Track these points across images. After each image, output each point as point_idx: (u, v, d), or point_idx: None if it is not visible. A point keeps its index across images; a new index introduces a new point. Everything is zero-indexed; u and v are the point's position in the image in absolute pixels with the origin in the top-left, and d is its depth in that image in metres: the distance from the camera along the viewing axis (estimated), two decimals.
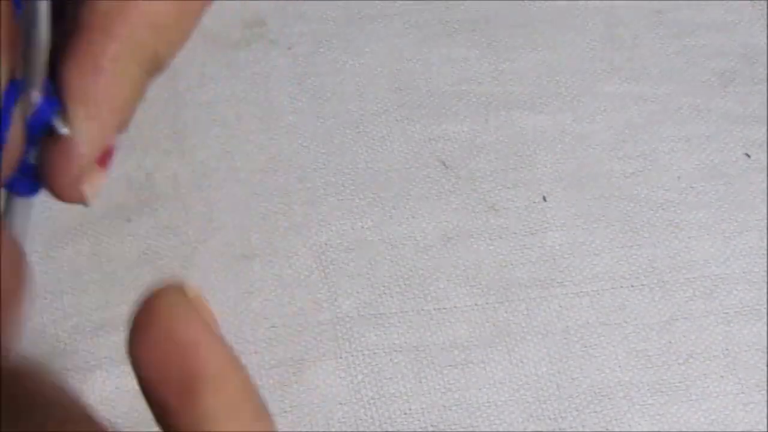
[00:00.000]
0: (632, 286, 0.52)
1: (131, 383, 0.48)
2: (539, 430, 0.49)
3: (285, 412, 0.48)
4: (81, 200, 0.37)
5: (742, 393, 0.50)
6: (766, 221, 0.54)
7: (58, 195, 0.37)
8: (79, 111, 0.35)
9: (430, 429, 0.48)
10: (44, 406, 0.29)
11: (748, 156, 0.55)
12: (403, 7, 0.57)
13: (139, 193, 0.52)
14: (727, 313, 0.52)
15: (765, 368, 0.50)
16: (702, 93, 0.56)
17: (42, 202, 0.51)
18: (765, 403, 0.50)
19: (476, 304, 0.51)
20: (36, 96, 0.34)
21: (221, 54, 0.55)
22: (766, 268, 0.52)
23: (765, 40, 0.58)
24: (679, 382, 0.50)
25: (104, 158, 0.37)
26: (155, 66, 0.37)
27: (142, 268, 0.50)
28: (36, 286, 0.49)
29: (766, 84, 0.57)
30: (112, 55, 0.35)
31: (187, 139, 0.53)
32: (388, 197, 0.53)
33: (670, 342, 0.51)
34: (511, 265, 0.52)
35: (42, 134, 0.35)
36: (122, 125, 0.36)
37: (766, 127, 0.56)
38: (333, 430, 0.48)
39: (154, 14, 0.35)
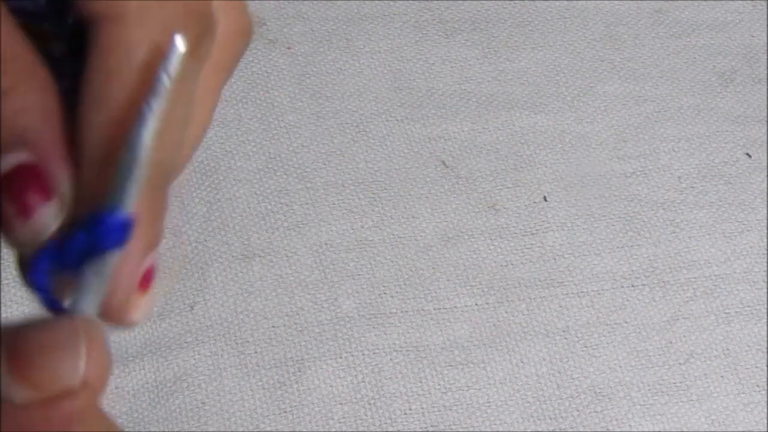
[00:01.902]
0: (632, 286, 0.52)
1: (131, 383, 0.48)
2: (539, 430, 0.49)
3: (285, 412, 0.48)
4: (132, 325, 0.33)
5: (742, 393, 0.50)
6: (766, 221, 0.54)
7: (109, 322, 0.33)
8: None
9: (430, 429, 0.48)
10: None
11: (749, 156, 0.55)
12: (403, 7, 0.57)
13: None
14: (727, 313, 0.52)
15: (765, 368, 0.50)
16: (702, 93, 0.56)
17: None
18: (765, 403, 0.50)
19: (476, 304, 0.51)
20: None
21: None
22: (766, 268, 0.53)
23: (765, 40, 0.58)
24: (679, 382, 0.50)
25: (145, 281, 0.33)
26: (168, 176, 0.33)
27: None
28: None
29: (766, 84, 0.57)
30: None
31: None
32: (388, 197, 0.53)
33: (670, 342, 0.51)
34: (511, 265, 0.52)
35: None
36: (153, 244, 0.33)
37: (766, 127, 0.56)
38: (333, 430, 0.48)
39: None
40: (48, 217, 0.31)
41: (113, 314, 0.32)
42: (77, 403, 0.30)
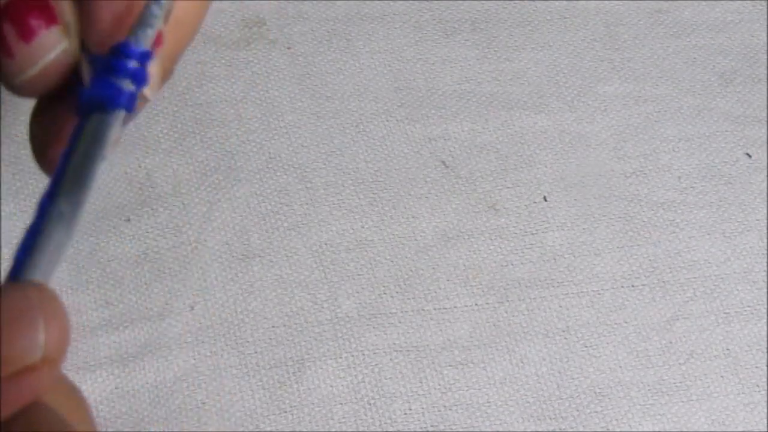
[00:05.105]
0: (632, 286, 0.52)
1: (131, 383, 0.48)
2: (539, 430, 0.49)
3: (285, 412, 0.48)
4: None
5: (742, 393, 0.50)
6: (766, 221, 0.54)
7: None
8: None
9: (430, 429, 0.48)
10: None
11: (749, 156, 0.55)
12: (403, 7, 0.57)
13: (139, 192, 0.52)
14: (727, 313, 0.52)
15: (765, 368, 0.50)
16: (702, 93, 0.56)
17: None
18: (765, 403, 0.50)
19: (476, 304, 0.51)
20: None
21: (221, 54, 0.55)
22: (766, 268, 0.53)
23: (765, 40, 0.58)
24: (679, 382, 0.50)
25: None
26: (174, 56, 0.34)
27: (142, 268, 0.50)
28: None
29: (766, 84, 0.57)
30: None
31: (187, 138, 0.53)
32: (388, 197, 0.53)
33: (670, 342, 0.51)
34: (511, 265, 0.52)
35: None
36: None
37: (766, 127, 0.56)
38: (333, 430, 0.48)
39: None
40: (50, 41, 0.30)
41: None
42: (40, 377, 0.29)
